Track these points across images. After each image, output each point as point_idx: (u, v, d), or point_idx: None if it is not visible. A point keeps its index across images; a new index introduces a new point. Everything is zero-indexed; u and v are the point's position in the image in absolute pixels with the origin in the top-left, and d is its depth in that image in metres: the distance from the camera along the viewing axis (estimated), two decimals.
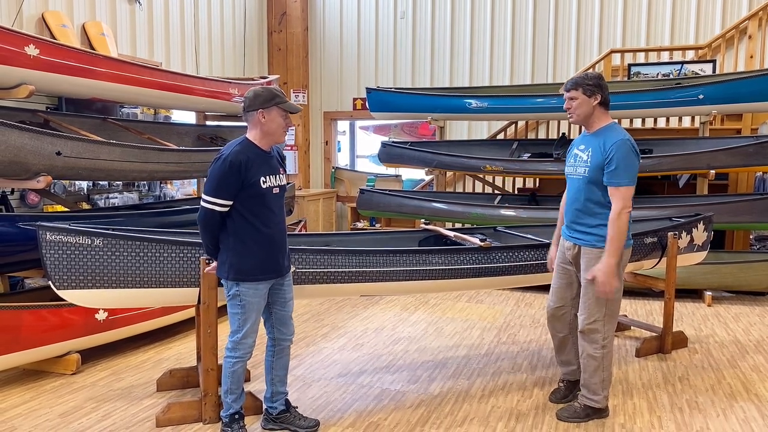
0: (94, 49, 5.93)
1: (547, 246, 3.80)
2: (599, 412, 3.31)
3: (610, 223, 3.00)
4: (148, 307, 4.19)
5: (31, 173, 3.90)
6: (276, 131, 2.91)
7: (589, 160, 3.10)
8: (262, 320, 3.09)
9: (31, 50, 3.89)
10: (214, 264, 3.01)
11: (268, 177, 2.92)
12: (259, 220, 2.89)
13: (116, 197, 6.35)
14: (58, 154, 3.94)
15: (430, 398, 3.58)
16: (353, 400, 3.55)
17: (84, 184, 5.99)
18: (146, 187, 6.81)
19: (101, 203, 6.16)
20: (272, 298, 3.06)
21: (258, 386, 3.64)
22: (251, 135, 2.94)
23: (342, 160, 10.32)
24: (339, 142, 10.23)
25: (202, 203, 2.87)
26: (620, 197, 2.99)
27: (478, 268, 3.65)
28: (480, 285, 3.76)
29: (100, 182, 6.14)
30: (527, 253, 3.79)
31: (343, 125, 10.32)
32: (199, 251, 3.18)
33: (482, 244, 3.71)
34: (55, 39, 5.43)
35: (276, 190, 2.96)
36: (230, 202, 2.85)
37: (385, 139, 9.79)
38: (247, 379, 3.78)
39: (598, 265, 3.04)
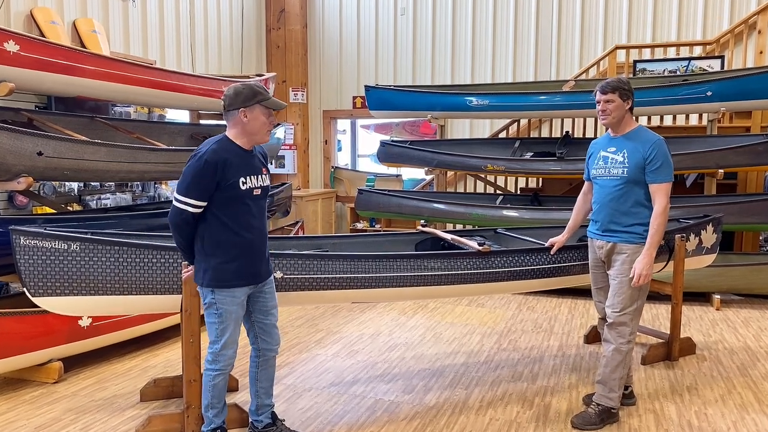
0: (84, 47, 5.78)
1: (548, 250, 3.66)
2: (612, 415, 3.24)
3: (654, 218, 3.10)
4: (130, 314, 4.02)
5: (12, 174, 3.75)
6: (259, 130, 2.75)
7: (626, 160, 3.15)
8: (244, 329, 2.93)
9: (11, 46, 3.74)
10: (191, 268, 2.85)
11: (248, 178, 2.75)
12: (237, 223, 2.73)
13: (108, 198, 6.21)
14: (40, 154, 3.80)
15: (425, 410, 3.41)
16: (344, 411, 3.39)
17: (74, 185, 5.84)
18: (140, 188, 6.67)
19: (93, 204, 6.01)
20: (253, 306, 2.90)
21: (245, 397, 3.47)
22: (231, 134, 2.78)
23: (343, 159, 10.16)
24: (340, 141, 10.07)
25: (174, 202, 2.70)
26: (664, 193, 3.10)
27: (475, 274, 3.48)
28: (478, 291, 3.59)
29: (92, 183, 5.99)
30: (528, 257, 3.62)
31: (343, 124, 10.16)
32: (182, 256, 3.02)
33: (480, 248, 3.54)
34: (44, 36, 5.29)
35: (257, 192, 2.79)
36: (203, 203, 2.69)
37: (386, 138, 9.62)
38: (235, 389, 3.63)
39: (639, 257, 3.13)
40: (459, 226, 6.77)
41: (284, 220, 7.21)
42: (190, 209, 2.68)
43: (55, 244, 2.94)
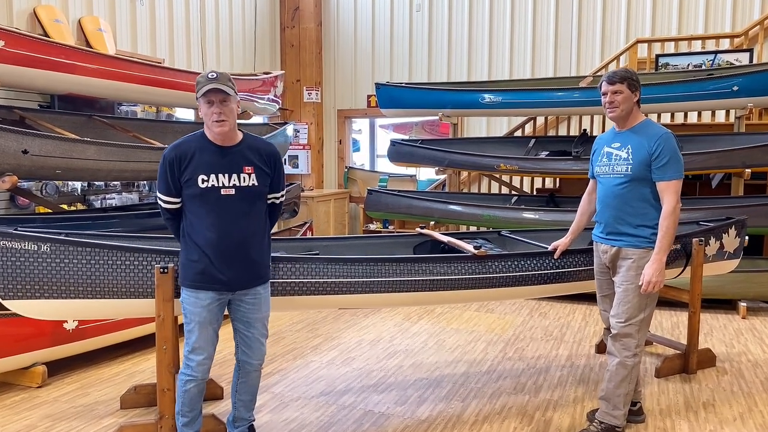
0: (90, 46, 5.72)
1: (551, 254, 3.41)
2: None
3: (663, 219, 2.87)
4: (105, 319, 3.88)
5: None
6: (206, 122, 2.60)
7: (630, 157, 2.93)
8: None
9: None
10: None
11: (213, 176, 2.57)
12: (201, 222, 2.58)
13: (114, 198, 6.14)
14: (25, 152, 3.70)
15: (416, 423, 3.20)
16: (330, 423, 3.20)
17: (78, 185, 5.78)
18: (147, 188, 6.59)
19: (97, 204, 5.95)
20: (233, 314, 2.72)
21: (228, 407, 3.32)
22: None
23: (361, 159, 9.98)
24: (358, 141, 9.89)
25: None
26: (673, 191, 2.86)
27: (470, 279, 3.25)
28: (473, 298, 3.36)
29: (96, 183, 5.93)
30: (528, 262, 3.38)
31: (360, 124, 9.98)
32: (156, 259, 2.88)
33: (476, 252, 3.31)
34: (48, 35, 5.24)
35: (227, 192, 2.58)
36: (173, 199, 2.63)
37: (400, 137, 9.41)
38: (219, 397, 3.48)
39: (648, 263, 2.89)
40: (473, 228, 6.54)
41: (293, 220, 7.07)
42: (163, 204, 2.66)
43: (24, 245, 2.82)
